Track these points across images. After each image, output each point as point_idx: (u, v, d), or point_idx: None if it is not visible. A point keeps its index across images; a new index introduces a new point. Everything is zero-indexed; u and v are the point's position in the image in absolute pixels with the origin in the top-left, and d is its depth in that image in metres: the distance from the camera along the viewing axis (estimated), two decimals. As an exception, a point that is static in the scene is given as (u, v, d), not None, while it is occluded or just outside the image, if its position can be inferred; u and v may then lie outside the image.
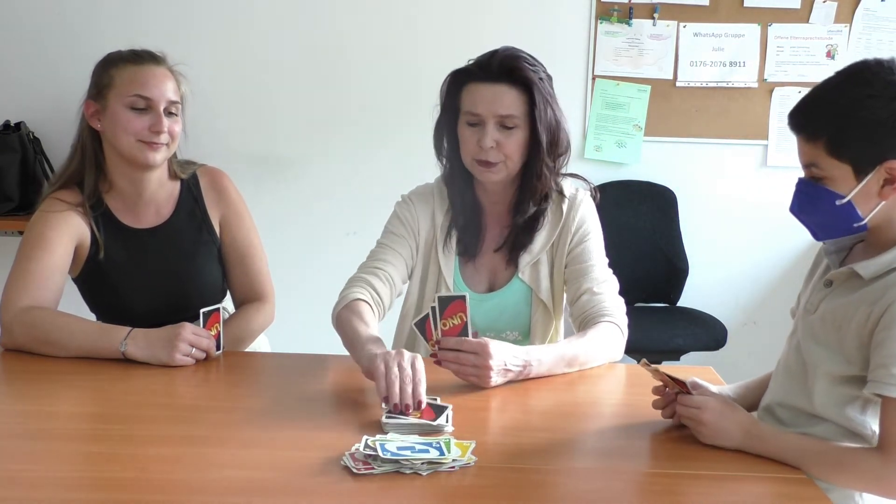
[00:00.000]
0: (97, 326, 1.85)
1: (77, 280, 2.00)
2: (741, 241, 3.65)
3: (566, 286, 1.93)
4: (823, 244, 1.50)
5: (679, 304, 3.61)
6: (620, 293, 1.90)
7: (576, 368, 1.76)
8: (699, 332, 3.32)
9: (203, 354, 1.78)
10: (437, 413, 1.46)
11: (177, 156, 2.02)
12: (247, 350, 2.03)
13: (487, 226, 1.95)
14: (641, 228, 3.57)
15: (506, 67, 1.79)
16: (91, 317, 2.01)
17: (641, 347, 2.89)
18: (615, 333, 1.82)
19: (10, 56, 3.44)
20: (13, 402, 1.61)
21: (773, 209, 2.93)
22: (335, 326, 1.80)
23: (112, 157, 1.93)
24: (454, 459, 1.30)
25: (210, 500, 1.21)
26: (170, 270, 1.99)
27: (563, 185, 1.93)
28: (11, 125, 3.36)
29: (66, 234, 1.89)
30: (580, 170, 2.01)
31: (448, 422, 1.45)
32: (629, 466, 1.38)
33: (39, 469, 1.30)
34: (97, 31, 3.31)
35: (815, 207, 1.39)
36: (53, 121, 3.31)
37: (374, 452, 1.29)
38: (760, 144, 3.59)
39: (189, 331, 1.76)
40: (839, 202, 1.35)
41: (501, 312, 1.93)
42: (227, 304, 2.10)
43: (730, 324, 3.41)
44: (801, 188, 1.40)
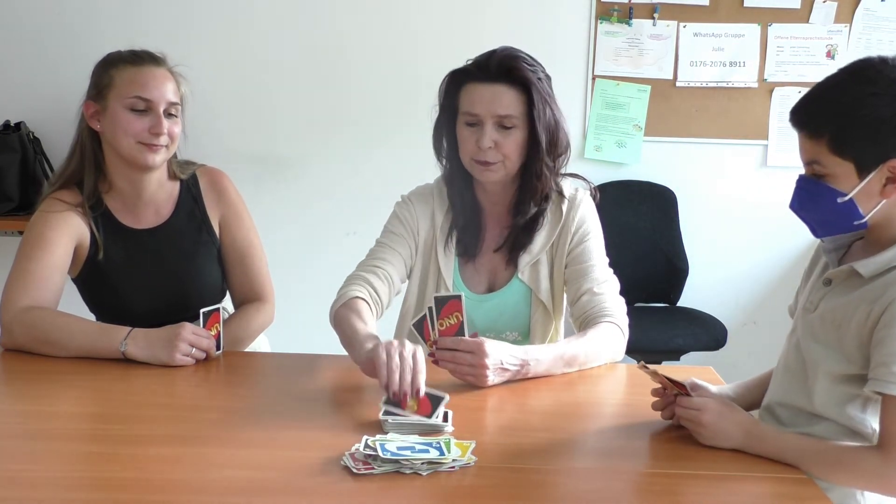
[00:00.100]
0: (97, 326, 1.85)
1: (77, 280, 2.00)
2: (741, 241, 3.65)
3: (566, 286, 1.93)
4: (821, 242, 1.50)
5: (679, 304, 3.60)
6: (620, 293, 1.90)
7: (576, 368, 1.76)
8: (699, 332, 3.32)
9: (203, 354, 1.78)
10: (434, 403, 1.46)
11: (176, 156, 2.02)
12: (247, 350, 2.03)
13: (487, 226, 1.95)
14: (641, 228, 3.56)
15: (504, 67, 1.79)
16: (91, 317, 2.01)
17: (641, 347, 2.88)
18: (616, 334, 1.82)
19: (10, 56, 3.44)
20: (13, 402, 1.61)
21: (773, 209, 2.93)
22: (333, 324, 1.79)
23: (111, 158, 1.93)
24: (454, 459, 1.30)
25: (210, 500, 1.21)
26: (169, 271, 1.99)
27: (563, 185, 1.93)
28: (11, 125, 3.36)
29: (66, 235, 1.89)
30: (580, 170, 2.01)
31: (448, 421, 1.45)
32: (629, 466, 1.38)
33: (39, 469, 1.30)
34: (97, 31, 3.31)
35: (816, 205, 1.38)
36: (53, 121, 3.31)
37: (374, 452, 1.29)
38: (760, 144, 3.59)
39: (189, 331, 1.76)
40: (840, 200, 1.34)
41: (501, 313, 1.93)
42: (227, 305, 2.10)
43: (730, 324, 3.41)
44: (802, 185, 1.40)
